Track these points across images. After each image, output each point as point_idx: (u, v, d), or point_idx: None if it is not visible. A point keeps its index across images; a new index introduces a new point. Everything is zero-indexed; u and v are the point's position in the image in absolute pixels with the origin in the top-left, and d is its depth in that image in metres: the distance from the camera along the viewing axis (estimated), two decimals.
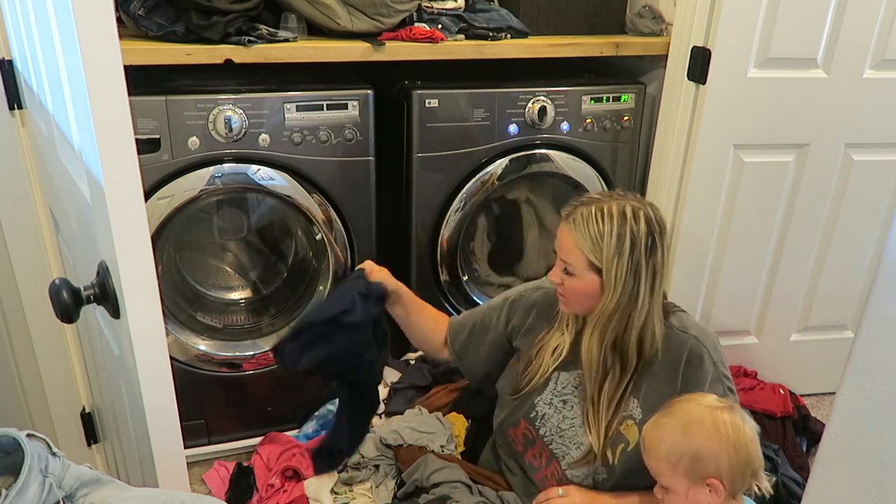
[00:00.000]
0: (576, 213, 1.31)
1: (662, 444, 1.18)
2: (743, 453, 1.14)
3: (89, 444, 1.97)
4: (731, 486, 1.16)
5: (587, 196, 1.36)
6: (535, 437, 1.44)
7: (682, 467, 1.16)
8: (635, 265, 1.29)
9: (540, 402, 1.44)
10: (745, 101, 1.81)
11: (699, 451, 1.15)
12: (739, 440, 1.14)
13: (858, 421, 0.63)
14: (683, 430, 1.16)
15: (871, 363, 0.61)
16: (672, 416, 1.19)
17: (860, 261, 2.07)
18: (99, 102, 0.82)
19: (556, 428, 1.42)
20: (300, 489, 1.68)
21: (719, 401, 1.20)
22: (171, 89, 1.59)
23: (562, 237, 1.34)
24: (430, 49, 1.74)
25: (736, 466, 1.14)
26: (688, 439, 1.15)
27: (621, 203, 1.30)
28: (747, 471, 1.15)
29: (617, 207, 1.30)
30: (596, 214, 1.29)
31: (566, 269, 1.33)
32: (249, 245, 1.97)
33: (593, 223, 1.29)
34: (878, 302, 0.60)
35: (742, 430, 1.15)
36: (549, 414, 1.43)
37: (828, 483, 0.68)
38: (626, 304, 1.31)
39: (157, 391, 0.98)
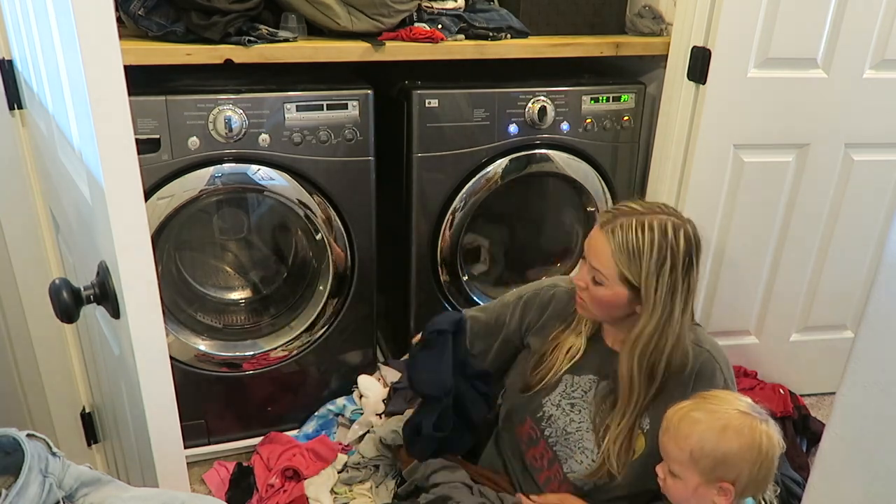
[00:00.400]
0: (615, 223, 1.27)
1: (691, 438, 1.16)
2: (766, 467, 1.14)
3: (89, 444, 1.97)
4: (742, 492, 1.16)
5: (627, 206, 1.31)
6: (539, 438, 1.44)
7: (703, 465, 1.15)
8: (672, 284, 1.27)
9: (548, 402, 1.44)
10: (745, 101, 1.81)
11: (728, 456, 1.13)
12: (769, 455, 1.14)
13: (858, 421, 0.63)
14: (720, 432, 1.14)
15: (871, 363, 0.61)
16: (711, 415, 1.16)
17: (860, 261, 2.07)
18: (99, 103, 0.82)
19: (561, 431, 1.42)
20: (300, 489, 1.68)
21: (754, 408, 1.18)
22: (171, 89, 1.59)
23: (598, 245, 1.30)
24: (430, 49, 1.74)
25: (756, 478, 1.14)
26: (722, 443, 1.14)
27: (662, 219, 1.27)
28: (763, 483, 1.15)
29: (658, 223, 1.26)
30: (637, 228, 1.26)
31: (595, 277, 1.30)
32: (249, 245, 1.97)
33: (633, 237, 1.26)
34: (878, 302, 0.60)
35: (774, 443, 1.15)
36: (556, 416, 1.42)
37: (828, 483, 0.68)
38: (662, 323, 1.28)
39: (157, 391, 0.98)
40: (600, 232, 1.29)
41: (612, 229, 1.27)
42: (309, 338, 1.90)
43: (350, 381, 1.99)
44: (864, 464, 0.63)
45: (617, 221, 1.28)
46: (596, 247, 1.30)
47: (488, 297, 2.08)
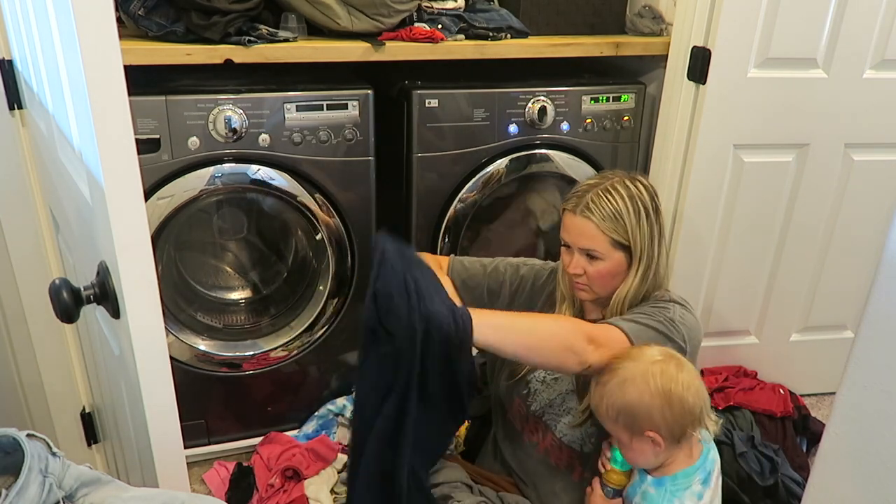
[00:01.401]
0: (584, 201, 1.35)
1: (602, 402, 1.22)
2: (677, 404, 1.17)
3: (89, 444, 1.97)
4: (671, 434, 1.18)
5: (583, 185, 1.40)
6: (527, 414, 1.48)
7: (622, 422, 1.20)
8: (650, 229, 1.36)
9: (533, 379, 1.48)
10: (745, 101, 1.81)
11: (632, 406, 1.18)
12: (672, 391, 1.16)
13: (858, 421, 0.63)
14: (619, 387, 1.19)
15: (871, 363, 0.61)
16: (612, 374, 1.22)
17: (860, 261, 2.07)
18: (99, 103, 0.82)
19: (546, 401, 1.46)
20: (300, 489, 1.68)
21: (661, 353, 1.22)
22: (171, 89, 1.59)
23: (578, 227, 1.37)
24: (430, 49, 1.74)
25: (670, 418, 1.17)
26: (622, 396, 1.19)
27: (619, 178, 1.38)
28: (686, 419, 1.18)
29: (619, 183, 1.37)
30: (605, 195, 1.35)
31: (590, 254, 1.37)
32: (249, 245, 1.97)
33: (607, 203, 1.34)
34: (878, 302, 0.60)
35: (676, 379, 1.17)
36: (541, 390, 1.47)
37: (828, 483, 0.68)
38: (648, 271, 1.37)
39: (157, 391, 0.98)
40: (575, 216, 1.37)
41: (585, 207, 1.35)
42: (309, 338, 1.90)
43: (350, 381, 1.99)
44: (864, 464, 0.63)
45: (585, 199, 1.36)
46: (579, 229, 1.37)
47: None
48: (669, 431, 1.18)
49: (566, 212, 1.39)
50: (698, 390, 1.19)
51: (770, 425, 1.89)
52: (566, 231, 1.40)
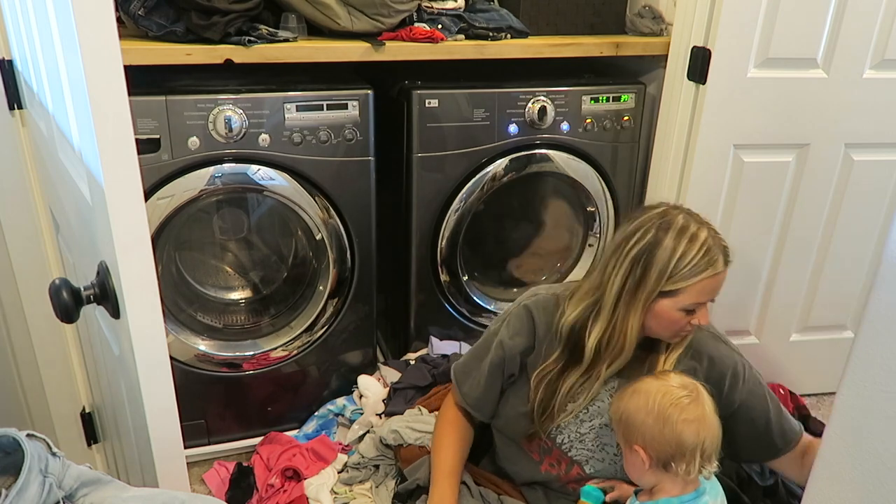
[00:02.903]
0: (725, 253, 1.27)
1: (613, 403, 1.25)
2: (668, 431, 1.15)
3: (89, 444, 1.97)
4: (657, 456, 1.17)
5: (701, 244, 1.25)
6: (553, 447, 1.40)
7: (620, 429, 1.22)
8: None
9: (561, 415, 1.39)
10: (745, 101, 1.81)
11: (629, 416, 1.19)
12: (669, 419, 1.15)
13: (858, 421, 0.63)
14: (629, 395, 1.21)
15: (871, 363, 0.61)
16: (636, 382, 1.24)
17: (860, 261, 2.07)
18: (99, 103, 0.82)
19: (575, 434, 1.38)
20: (300, 489, 1.68)
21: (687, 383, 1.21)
22: (171, 89, 1.59)
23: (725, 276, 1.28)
24: (430, 49, 1.74)
25: (658, 441, 1.16)
26: (626, 403, 1.20)
27: (689, 211, 1.31)
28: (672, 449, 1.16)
29: (692, 210, 1.31)
30: (713, 229, 1.29)
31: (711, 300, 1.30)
32: (249, 245, 1.97)
33: (720, 235, 1.30)
34: (878, 302, 0.60)
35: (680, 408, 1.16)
36: (568, 421, 1.38)
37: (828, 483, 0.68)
38: None
39: (157, 391, 0.98)
40: (724, 271, 1.27)
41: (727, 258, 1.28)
42: (309, 338, 1.90)
43: (350, 381, 1.99)
44: (864, 463, 0.63)
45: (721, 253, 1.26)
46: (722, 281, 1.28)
47: (488, 298, 2.08)
48: (656, 453, 1.17)
49: (713, 277, 1.24)
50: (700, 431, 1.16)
51: None
52: (708, 293, 1.26)
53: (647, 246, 1.24)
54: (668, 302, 1.25)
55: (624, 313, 1.27)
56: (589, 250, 2.11)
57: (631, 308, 1.26)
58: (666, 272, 1.23)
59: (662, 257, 1.23)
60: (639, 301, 1.25)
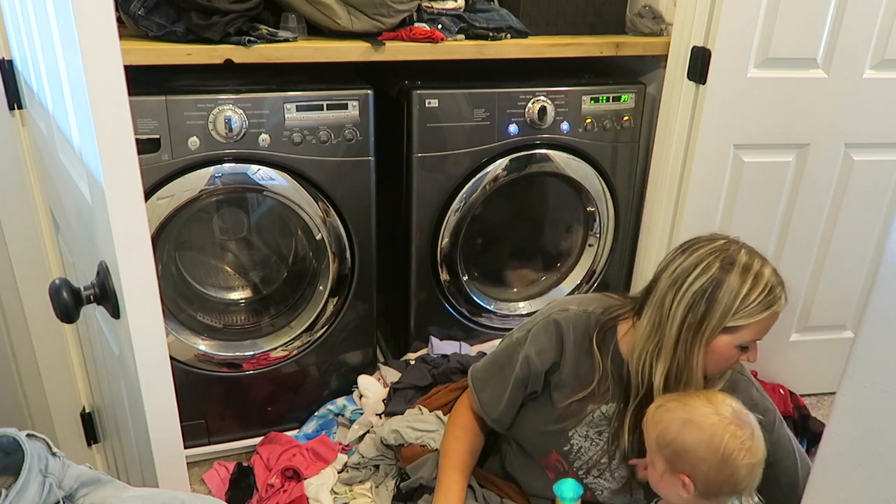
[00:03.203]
0: (784, 289, 1.26)
1: (658, 426, 1.18)
2: (727, 471, 1.13)
3: (89, 444, 1.97)
4: (704, 490, 1.15)
5: (764, 284, 1.24)
6: (568, 470, 1.39)
7: (665, 454, 1.17)
8: None
9: (575, 435, 1.38)
10: (745, 101, 1.81)
11: (685, 449, 1.14)
12: (729, 459, 1.12)
13: (858, 421, 0.63)
14: (683, 424, 1.15)
15: (871, 363, 0.61)
16: (682, 406, 1.17)
17: (860, 261, 2.07)
18: (99, 102, 0.82)
19: (590, 460, 1.37)
20: (300, 489, 1.68)
21: (738, 415, 1.16)
22: (171, 89, 1.59)
23: (773, 322, 1.26)
24: (430, 49, 1.75)
25: (713, 478, 1.13)
26: (681, 435, 1.15)
27: (745, 246, 1.29)
28: (724, 486, 1.14)
29: (745, 244, 1.30)
30: (771, 264, 1.27)
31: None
32: (249, 245, 1.97)
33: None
34: (878, 302, 0.60)
35: (745, 454, 1.13)
36: (586, 447, 1.37)
37: (828, 483, 0.68)
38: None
39: (157, 391, 0.98)
40: (786, 305, 1.27)
41: (786, 293, 1.26)
42: (309, 338, 1.90)
43: (350, 381, 1.99)
44: (864, 464, 0.63)
45: (782, 290, 1.26)
46: (774, 322, 1.26)
47: (488, 297, 2.08)
48: (705, 487, 1.15)
49: (778, 313, 1.24)
50: (753, 467, 1.15)
51: None
52: (766, 329, 1.25)
53: (710, 281, 1.22)
54: (727, 338, 1.23)
55: (688, 349, 1.24)
56: (589, 250, 2.11)
57: (694, 344, 1.24)
58: (731, 310, 1.20)
59: (728, 295, 1.21)
60: (702, 337, 1.23)
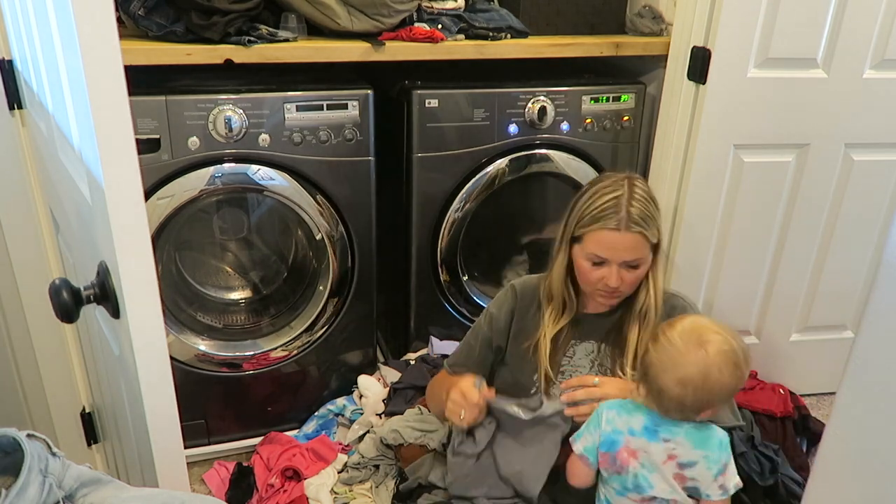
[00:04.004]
0: (628, 216, 1.31)
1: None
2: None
3: (89, 444, 1.97)
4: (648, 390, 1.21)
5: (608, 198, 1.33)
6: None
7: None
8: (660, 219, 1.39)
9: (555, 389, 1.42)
10: (745, 101, 1.81)
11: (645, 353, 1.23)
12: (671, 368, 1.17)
13: (858, 421, 0.63)
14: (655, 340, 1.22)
15: (871, 363, 0.61)
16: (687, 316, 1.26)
17: (860, 261, 2.06)
18: (99, 102, 0.82)
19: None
20: (300, 489, 1.68)
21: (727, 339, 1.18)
22: (171, 89, 1.59)
23: (625, 243, 1.32)
24: (430, 49, 1.75)
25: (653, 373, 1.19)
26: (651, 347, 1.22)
27: (629, 182, 1.36)
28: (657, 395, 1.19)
29: (636, 186, 1.35)
30: (638, 204, 1.33)
31: (630, 265, 1.35)
32: (249, 245, 1.97)
33: (643, 210, 1.33)
34: (878, 302, 0.60)
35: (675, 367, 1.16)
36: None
37: (828, 483, 0.68)
38: (665, 261, 1.45)
39: (157, 391, 0.98)
40: (620, 233, 1.32)
41: (631, 222, 1.31)
42: (309, 338, 1.90)
43: (350, 381, 1.99)
44: (864, 464, 0.63)
45: (627, 214, 1.32)
46: (626, 245, 1.33)
47: (488, 298, 2.08)
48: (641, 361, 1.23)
49: (606, 231, 1.32)
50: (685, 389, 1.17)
51: (770, 425, 1.89)
52: (605, 249, 1.33)
53: (580, 192, 1.40)
54: (577, 248, 1.38)
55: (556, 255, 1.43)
56: None
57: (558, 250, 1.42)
58: (575, 217, 1.36)
59: (579, 204, 1.37)
60: (561, 240, 1.41)
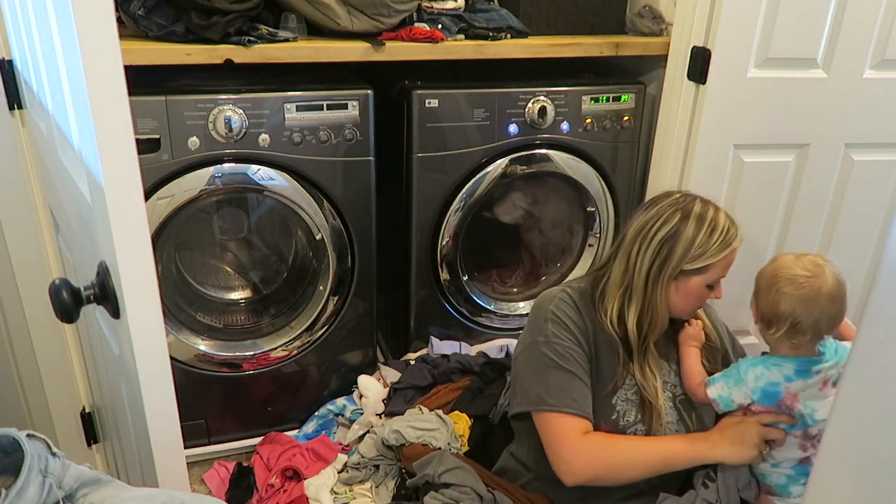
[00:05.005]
0: (737, 228, 1.42)
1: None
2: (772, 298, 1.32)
3: (89, 444, 1.97)
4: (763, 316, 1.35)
5: (723, 222, 1.41)
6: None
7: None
8: None
9: (618, 400, 1.39)
10: (745, 101, 1.81)
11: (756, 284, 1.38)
12: (774, 286, 1.31)
13: (858, 421, 0.63)
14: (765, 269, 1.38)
15: (871, 363, 0.61)
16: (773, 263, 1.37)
17: (860, 261, 2.06)
18: (99, 102, 0.82)
19: (637, 417, 1.39)
20: (300, 489, 1.68)
21: (815, 261, 1.30)
22: (171, 89, 1.59)
23: (733, 258, 1.43)
24: (430, 49, 1.74)
25: (764, 305, 1.34)
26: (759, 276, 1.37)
27: (696, 196, 1.45)
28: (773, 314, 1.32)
29: (702, 196, 1.45)
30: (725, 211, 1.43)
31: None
32: (249, 245, 1.97)
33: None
34: (878, 302, 0.60)
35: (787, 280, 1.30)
36: (628, 409, 1.39)
37: (828, 483, 0.68)
38: None
39: (157, 391, 0.98)
40: (737, 247, 1.42)
41: (739, 232, 1.42)
42: (309, 338, 1.90)
43: (350, 381, 1.99)
44: (864, 464, 0.63)
45: (734, 227, 1.42)
46: (733, 260, 1.43)
47: (488, 298, 2.09)
48: (761, 312, 1.34)
49: (734, 250, 1.41)
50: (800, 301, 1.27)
51: None
52: (728, 266, 1.42)
53: (672, 229, 1.37)
54: (699, 279, 1.39)
55: (654, 292, 1.39)
56: (589, 250, 2.11)
57: (657, 287, 1.38)
58: (690, 250, 1.37)
59: (688, 237, 1.37)
60: (664, 279, 1.38)
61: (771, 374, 1.32)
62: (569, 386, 1.35)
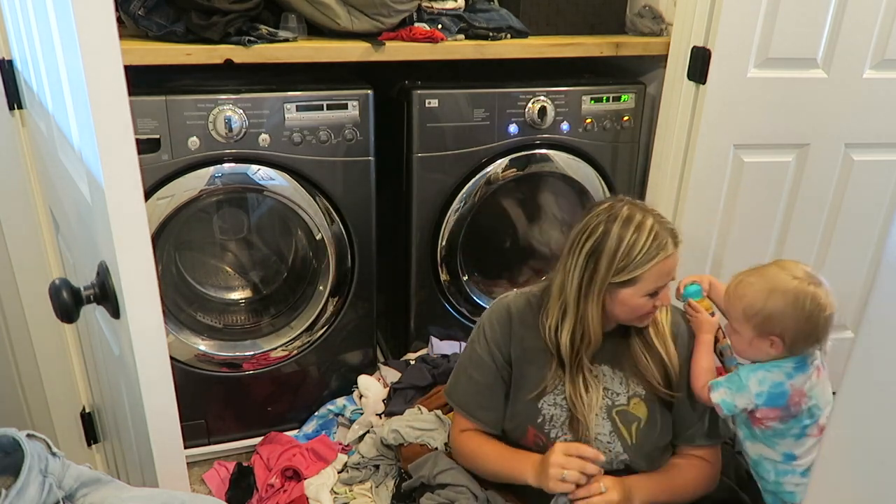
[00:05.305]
0: (672, 234, 1.32)
1: (743, 300, 1.31)
2: (810, 325, 1.27)
3: (89, 444, 1.97)
4: (791, 345, 1.30)
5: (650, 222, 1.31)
6: (547, 443, 1.40)
7: (755, 322, 1.30)
8: None
9: (544, 404, 1.41)
10: (745, 101, 1.81)
11: (773, 314, 1.28)
12: (813, 314, 1.26)
13: (858, 421, 0.63)
14: (768, 294, 1.28)
15: (871, 363, 0.61)
16: (761, 278, 1.30)
17: (860, 261, 2.06)
18: (99, 102, 0.82)
19: (567, 426, 1.39)
20: (300, 489, 1.68)
21: (809, 276, 1.29)
22: (171, 89, 1.59)
23: (677, 258, 1.34)
24: (430, 49, 1.75)
25: (800, 334, 1.28)
26: (768, 303, 1.28)
27: (631, 201, 1.36)
28: (808, 339, 1.29)
29: (636, 201, 1.37)
30: (660, 215, 1.35)
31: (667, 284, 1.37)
32: (249, 245, 1.97)
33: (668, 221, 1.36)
34: (878, 302, 0.60)
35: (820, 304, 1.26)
36: (557, 414, 1.40)
37: (828, 483, 0.68)
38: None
39: (157, 391, 0.98)
40: (675, 253, 1.33)
41: (676, 239, 1.33)
42: (309, 338, 1.90)
43: (350, 381, 1.99)
44: (864, 464, 0.63)
45: (668, 234, 1.32)
46: (676, 260, 1.34)
47: (488, 298, 2.08)
48: (792, 342, 1.29)
49: (666, 259, 1.30)
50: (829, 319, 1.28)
51: None
52: (665, 275, 1.32)
53: (596, 241, 1.31)
54: (629, 290, 1.31)
55: (585, 305, 1.34)
56: None
57: (588, 301, 1.34)
58: (614, 262, 1.30)
59: (611, 248, 1.30)
60: (594, 293, 1.33)
61: (773, 375, 1.32)
62: (472, 389, 1.47)
